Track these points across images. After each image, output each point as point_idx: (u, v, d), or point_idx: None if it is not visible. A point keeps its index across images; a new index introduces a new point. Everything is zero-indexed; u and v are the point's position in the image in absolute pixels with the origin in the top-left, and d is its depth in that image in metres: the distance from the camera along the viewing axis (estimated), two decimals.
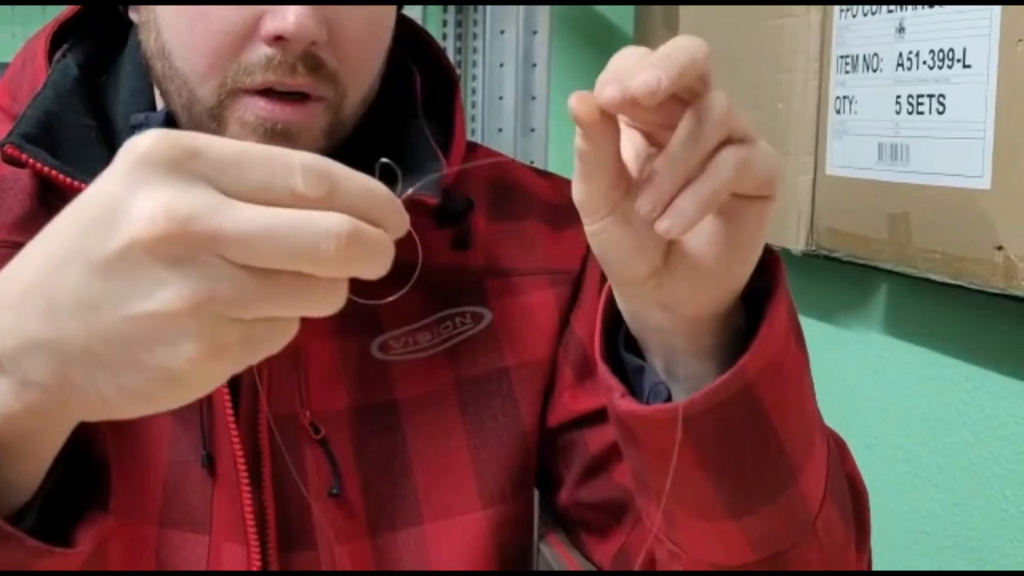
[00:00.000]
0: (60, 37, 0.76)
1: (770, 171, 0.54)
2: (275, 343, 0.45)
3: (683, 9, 1.56)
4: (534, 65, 1.79)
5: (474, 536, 0.76)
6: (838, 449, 0.71)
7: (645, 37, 1.78)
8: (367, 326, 0.75)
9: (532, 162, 1.72)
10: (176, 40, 0.68)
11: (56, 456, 0.53)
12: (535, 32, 1.78)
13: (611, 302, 0.62)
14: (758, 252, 0.58)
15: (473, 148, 0.85)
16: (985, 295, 0.99)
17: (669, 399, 0.61)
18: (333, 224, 0.43)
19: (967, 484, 1.13)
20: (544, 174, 0.88)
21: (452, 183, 0.76)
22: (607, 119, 0.51)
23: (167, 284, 0.42)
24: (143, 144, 0.43)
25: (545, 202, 0.84)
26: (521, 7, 1.77)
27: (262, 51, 0.66)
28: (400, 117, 0.77)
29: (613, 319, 0.63)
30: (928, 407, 1.18)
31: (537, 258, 0.81)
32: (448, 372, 0.77)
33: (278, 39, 0.65)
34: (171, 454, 0.70)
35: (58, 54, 0.75)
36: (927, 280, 1.06)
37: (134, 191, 0.43)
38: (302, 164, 0.44)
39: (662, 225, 0.51)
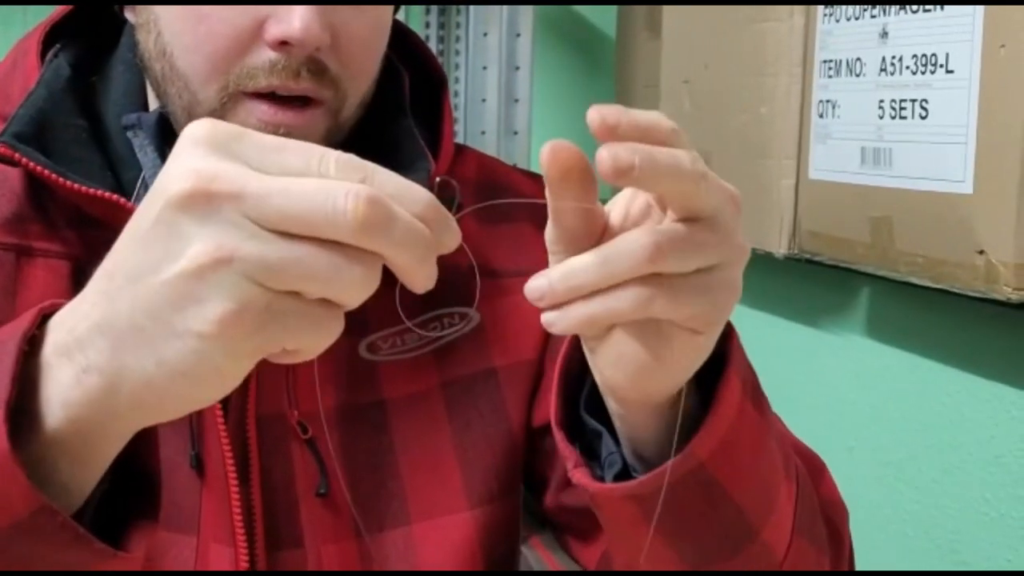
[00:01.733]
0: (52, 37, 0.76)
1: (698, 307, 0.51)
2: (312, 332, 0.46)
3: (666, 11, 1.56)
4: (517, 68, 1.78)
5: (461, 536, 0.76)
6: (813, 475, 0.71)
7: (627, 41, 1.78)
8: (355, 326, 0.75)
9: (515, 165, 1.72)
10: (177, 42, 0.68)
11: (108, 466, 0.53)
12: (518, 35, 1.78)
13: (570, 361, 0.62)
14: (686, 374, 0.56)
15: (460, 149, 0.85)
16: (966, 299, 1.00)
17: (624, 466, 0.61)
18: (352, 186, 0.44)
19: (947, 486, 1.13)
20: (532, 175, 0.88)
21: (440, 185, 0.76)
22: (574, 173, 0.50)
23: (193, 240, 0.44)
24: (192, 127, 0.46)
25: (533, 204, 0.83)
26: (504, 8, 1.77)
27: (266, 55, 0.66)
28: (389, 116, 0.77)
29: (578, 379, 0.62)
30: (909, 410, 1.19)
31: (527, 259, 0.80)
32: (435, 373, 0.77)
33: (283, 44, 0.65)
34: (161, 453, 0.70)
35: (50, 53, 0.75)
36: (909, 284, 1.07)
37: (175, 164, 0.45)
38: (337, 155, 0.46)
39: (544, 317, 0.51)
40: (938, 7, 1.00)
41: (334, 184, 0.44)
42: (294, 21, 0.64)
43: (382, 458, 0.75)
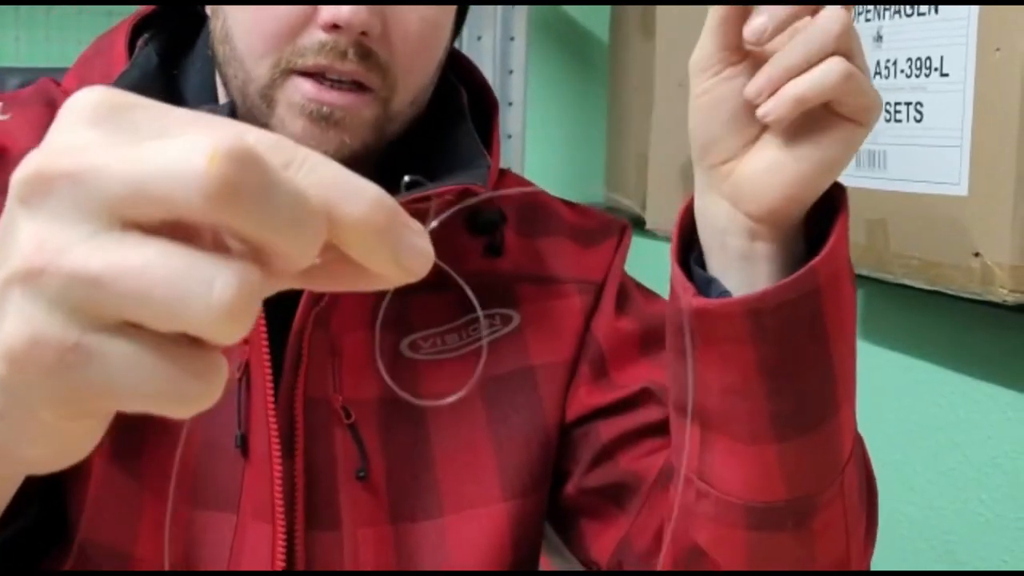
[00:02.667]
0: (137, 31, 0.80)
1: (871, 98, 0.59)
2: (159, 382, 0.32)
3: (660, 13, 1.56)
4: (511, 71, 1.79)
5: (494, 527, 0.78)
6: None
7: (621, 43, 1.78)
8: (398, 324, 0.77)
9: (509, 167, 1.72)
10: (238, 25, 0.72)
11: (16, 508, 0.47)
12: (512, 38, 1.78)
13: (684, 219, 0.66)
14: (836, 174, 0.62)
15: (503, 172, 0.88)
16: (962, 301, 1.00)
17: None
18: (217, 139, 0.30)
19: (943, 488, 1.13)
20: (571, 204, 0.91)
21: (484, 200, 0.79)
22: None
23: (19, 242, 0.32)
24: (76, 94, 0.34)
25: (571, 225, 0.88)
26: (498, 10, 1.77)
27: (316, 36, 0.69)
28: (448, 121, 0.81)
29: (685, 244, 0.67)
30: (904, 412, 1.19)
31: (565, 268, 0.85)
32: (475, 372, 0.79)
33: (334, 27, 0.69)
34: (204, 435, 0.72)
35: (140, 41, 0.79)
36: (904, 286, 1.07)
37: (47, 140, 0.34)
38: (260, 132, 0.33)
39: (762, 109, 0.58)
40: (932, 10, 1.00)
41: (197, 140, 0.30)
42: (344, 4, 0.68)
43: (418, 451, 0.77)
